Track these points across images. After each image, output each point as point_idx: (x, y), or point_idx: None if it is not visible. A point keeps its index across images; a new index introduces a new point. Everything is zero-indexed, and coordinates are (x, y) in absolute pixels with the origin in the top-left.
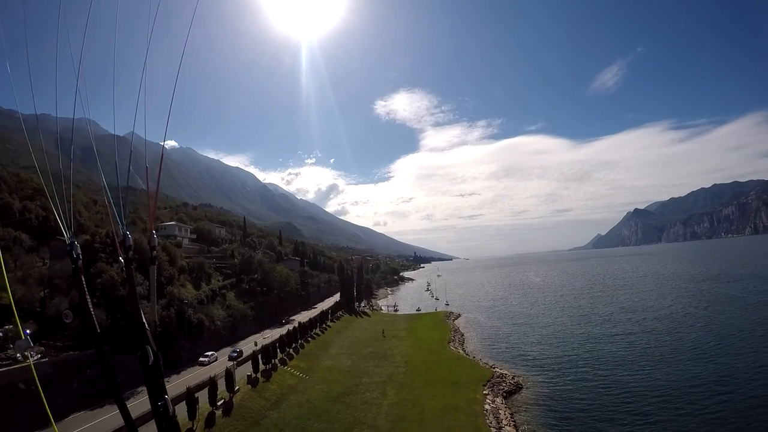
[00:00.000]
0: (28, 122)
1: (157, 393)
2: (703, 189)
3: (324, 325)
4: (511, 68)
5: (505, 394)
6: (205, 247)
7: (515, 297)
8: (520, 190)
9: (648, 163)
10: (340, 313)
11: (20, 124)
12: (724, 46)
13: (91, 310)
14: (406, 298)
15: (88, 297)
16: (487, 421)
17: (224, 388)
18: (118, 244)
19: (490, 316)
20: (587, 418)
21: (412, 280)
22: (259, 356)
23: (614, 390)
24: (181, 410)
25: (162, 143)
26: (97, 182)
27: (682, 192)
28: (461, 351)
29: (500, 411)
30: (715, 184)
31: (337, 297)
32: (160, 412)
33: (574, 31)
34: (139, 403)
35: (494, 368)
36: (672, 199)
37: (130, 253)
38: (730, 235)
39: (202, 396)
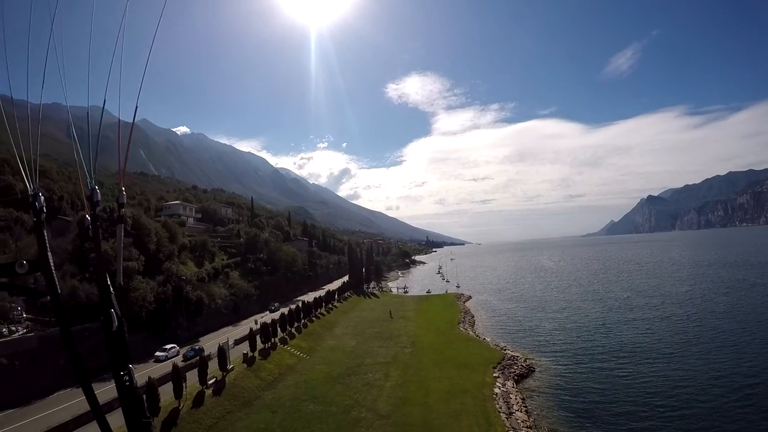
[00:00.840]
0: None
1: (120, 362)
2: (718, 176)
3: (330, 305)
4: (524, 51)
5: (516, 377)
6: (210, 227)
7: (528, 280)
8: (533, 175)
9: (662, 149)
10: (348, 293)
11: (24, 111)
12: (740, 30)
13: (52, 267)
14: (417, 280)
15: (49, 253)
16: (497, 405)
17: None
18: (85, 200)
19: (502, 298)
20: (604, 407)
21: (423, 263)
22: (258, 336)
23: (632, 378)
24: (168, 388)
25: (135, 106)
26: (110, 170)
27: (696, 179)
28: (471, 332)
29: (511, 395)
30: (730, 172)
31: (346, 279)
32: (123, 383)
33: (587, 14)
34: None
35: (505, 350)
36: (686, 186)
37: (98, 209)
38: (744, 224)
39: (193, 375)
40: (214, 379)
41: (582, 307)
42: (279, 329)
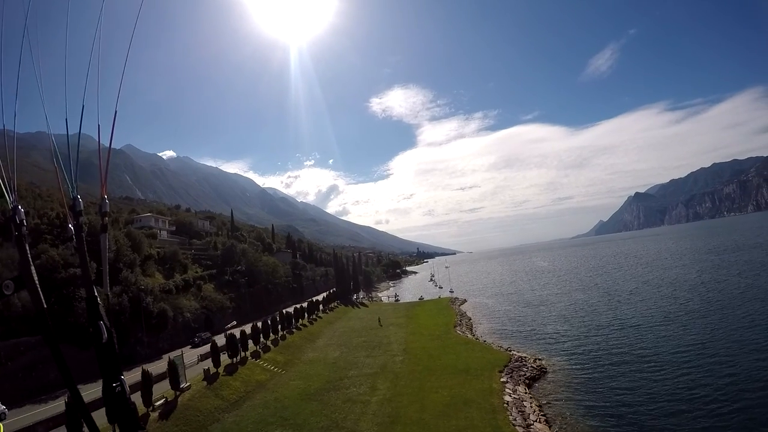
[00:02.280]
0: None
1: (111, 374)
2: (702, 169)
3: (313, 316)
4: (504, 58)
5: (527, 381)
6: (186, 240)
7: (524, 281)
8: (520, 180)
9: (646, 145)
10: (335, 304)
11: (28, 142)
12: (717, 23)
13: (36, 281)
14: (409, 289)
15: (32, 268)
16: (510, 417)
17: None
18: (68, 210)
19: (499, 300)
20: (636, 408)
21: (415, 273)
22: (225, 350)
23: (662, 371)
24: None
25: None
26: (93, 194)
27: (682, 173)
28: (469, 335)
29: (525, 403)
30: (714, 163)
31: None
32: (115, 395)
33: (565, 17)
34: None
35: (510, 351)
36: (672, 181)
37: (81, 219)
38: (732, 214)
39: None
40: (163, 400)
41: (588, 302)
42: (252, 342)
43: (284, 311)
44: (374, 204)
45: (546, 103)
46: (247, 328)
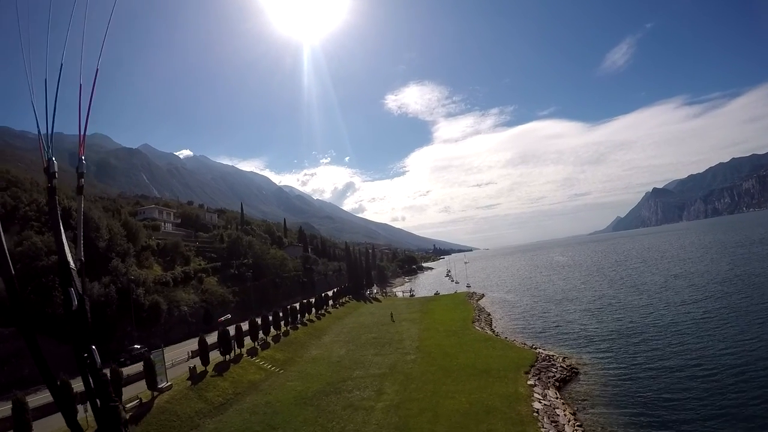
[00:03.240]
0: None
1: (82, 343)
2: (721, 164)
3: (321, 311)
4: (520, 53)
5: (557, 383)
6: (192, 232)
7: (544, 276)
8: (537, 177)
9: (664, 141)
10: (347, 299)
11: (32, 143)
12: (734, 16)
13: (10, 266)
14: (424, 284)
15: (8, 256)
16: (542, 429)
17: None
18: (43, 172)
19: (519, 294)
20: (686, 414)
21: (431, 269)
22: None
23: (708, 370)
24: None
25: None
26: (110, 194)
27: (700, 168)
28: (488, 331)
29: (557, 410)
30: (733, 158)
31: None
32: (87, 365)
33: (581, 11)
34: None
35: (536, 349)
36: (690, 176)
37: (54, 181)
38: (752, 209)
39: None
40: (136, 402)
41: (617, 297)
42: (250, 338)
43: (289, 306)
44: (390, 201)
45: (562, 99)
46: (246, 324)
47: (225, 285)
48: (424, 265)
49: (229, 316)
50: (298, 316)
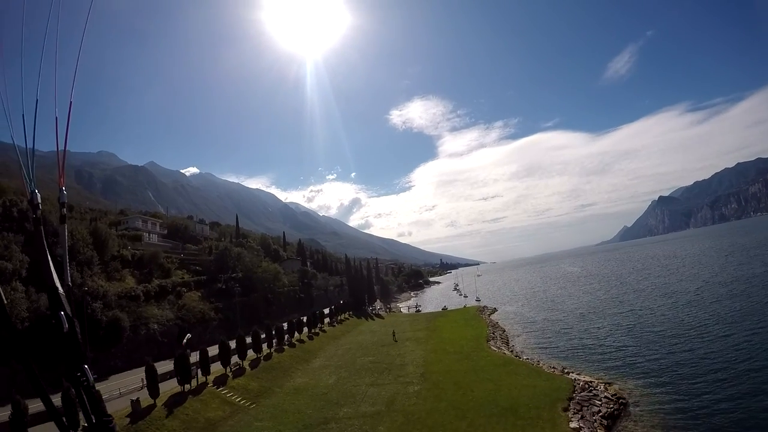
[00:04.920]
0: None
1: (74, 363)
2: (727, 169)
3: (315, 330)
4: (523, 66)
5: (605, 420)
6: (179, 244)
7: (559, 287)
8: (542, 188)
9: (668, 148)
10: (346, 315)
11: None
12: (734, 20)
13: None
14: (431, 299)
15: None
16: None
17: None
18: (28, 204)
19: (535, 308)
20: None
21: (438, 283)
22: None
23: None
24: None
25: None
26: (113, 210)
27: (705, 175)
28: (506, 351)
29: None
30: (738, 163)
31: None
32: (80, 383)
33: (582, 21)
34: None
35: (568, 373)
36: (696, 183)
37: (39, 211)
38: (759, 213)
39: None
40: None
41: (649, 308)
42: (221, 363)
43: (276, 325)
44: (396, 216)
45: (566, 110)
46: (230, 344)
47: (209, 301)
48: (431, 279)
49: (189, 335)
50: (286, 336)
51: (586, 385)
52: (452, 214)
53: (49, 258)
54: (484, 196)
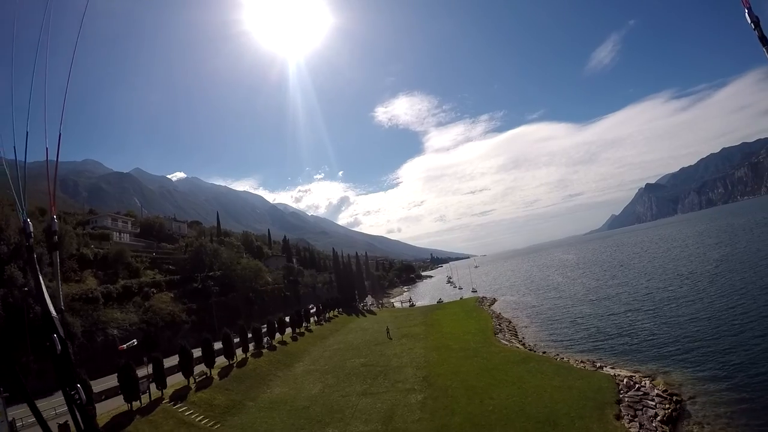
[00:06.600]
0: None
1: (68, 382)
2: (712, 154)
3: (300, 330)
4: (507, 59)
5: (664, 426)
6: (153, 243)
7: (559, 275)
8: (530, 180)
9: (654, 136)
10: (335, 313)
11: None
12: (714, 6)
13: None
14: (425, 293)
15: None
16: None
17: None
18: (20, 232)
19: (538, 296)
20: None
21: (430, 277)
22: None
23: None
24: None
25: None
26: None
27: (691, 161)
28: (518, 344)
29: None
30: (723, 148)
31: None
32: (74, 401)
33: (564, 11)
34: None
35: (601, 368)
36: (682, 169)
37: (31, 240)
38: (746, 198)
39: None
40: None
41: (669, 289)
42: (183, 373)
43: (251, 325)
44: (385, 213)
45: (551, 101)
46: (194, 352)
47: (181, 302)
48: (423, 273)
49: (134, 341)
50: (266, 338)
51: (630, 382)
52: (441, 208)
53: (42, 284)
54: (472, 189)
